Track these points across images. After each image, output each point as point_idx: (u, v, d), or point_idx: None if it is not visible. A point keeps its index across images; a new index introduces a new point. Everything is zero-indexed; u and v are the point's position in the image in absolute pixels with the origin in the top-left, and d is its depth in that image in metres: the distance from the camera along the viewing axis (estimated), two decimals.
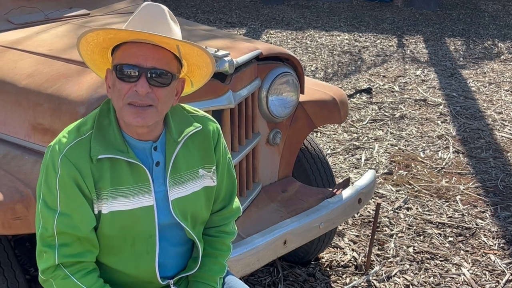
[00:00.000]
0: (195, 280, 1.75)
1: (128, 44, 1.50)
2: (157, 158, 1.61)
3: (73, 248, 1.54)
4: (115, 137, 1.55)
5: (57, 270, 1.54)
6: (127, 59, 1.48)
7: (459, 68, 7.07)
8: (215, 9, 11.03)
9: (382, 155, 4.55)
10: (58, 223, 1.52)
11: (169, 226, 1.66)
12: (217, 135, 1.73)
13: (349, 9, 11.09)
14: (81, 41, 1.54)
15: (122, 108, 1.51)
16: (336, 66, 7.14)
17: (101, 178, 1.53)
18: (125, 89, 1.49)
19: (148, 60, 1.48)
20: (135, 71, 1.47)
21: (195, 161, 1.67)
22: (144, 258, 1.63)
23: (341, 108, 2.92)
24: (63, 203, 1.52)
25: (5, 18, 2.84)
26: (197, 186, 1.68)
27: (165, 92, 1.51)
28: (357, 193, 2.68)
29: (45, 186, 1.53)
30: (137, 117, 1.49)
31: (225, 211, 1.80)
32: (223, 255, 1.80)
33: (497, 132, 5.02)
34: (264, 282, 2.99)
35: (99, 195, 1.54)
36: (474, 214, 3.69)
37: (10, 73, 2.33)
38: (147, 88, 1.47)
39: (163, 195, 1.62)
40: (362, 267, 3.13)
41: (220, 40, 2.66)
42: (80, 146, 1.53)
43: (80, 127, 1.57)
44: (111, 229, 1.57)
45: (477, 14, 10.49)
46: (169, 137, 1.62)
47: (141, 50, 1.48)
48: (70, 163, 1.51)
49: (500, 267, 3.15)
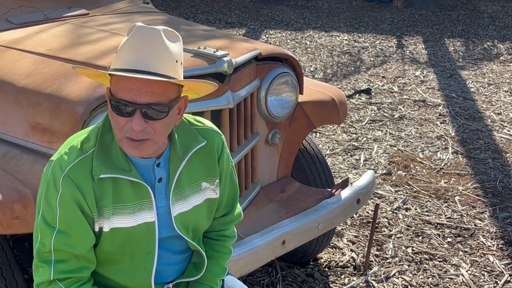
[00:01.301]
0: (195, 282, 1.75)
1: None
2: (160, 174, 1.58)
3: (69, 264, 1.53)
4: (117, 155, 1.53)
5: (52, 284, 1.53)
6: (121, 93, 1.42)
7: (459, 69, 7.07)
8: (214, 9, 11.03)
9: (381, 156, 4.55)
10: (55, 240, 1.50)
11: (170, 238, 1.65)
12: (221, 147, 1.69)
13: (349, 9, 11.09)
14: (76, 69, 1.51)
15: (121, 140, 1.48)
16: (335, 66, 7.15)
17: (103, 196, 1.52)
18: (122, 122, 1.44)
19: (142, 94, 1.40)
20: (129, 108, 1.41)
21: (198, 175, 1.65)
22: (141, 274, 1.63)
23: (340, 109, 2.92)
24: (63, 222, 1.50)
25: (5, 17, 2.84)
26: (199, 200, 1.66)
27: (162, 123, 1.46)
28: (356, 194, 2.68)
29: (45, 202, 1.51)
30: (134, 150, 1.47)
31: (227, 217, 1.79)
32: (224, 257, 1.80)
33: (496, 133, 5.03)
34: (262, 282, 2.99)
35: (101, 213, 1.52)
36: (472, 214, 3.69)
37: (9, 73, 2.33)
38: (142, 124, 1.42)
39: (164, 210, 1.61)
40: (361, 267, 3.13)
41: (219, 40, 2.66)
42: (82, 164, 1.50)
43: (83, 143, 1.54)
44: (111, 245, 1.57)
45: (477, 15, 10.50)
46: (173, 154, 1.59)
47: (134, 84, 1.41)
48: (72, 183, 1.48)
49: (499, 268, 3.15)
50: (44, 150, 2.11)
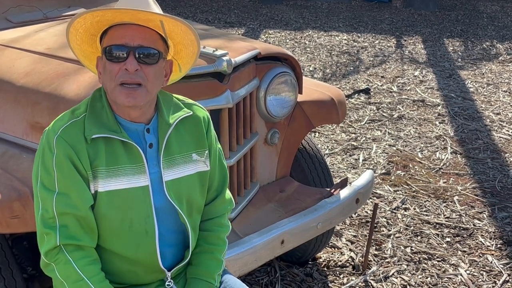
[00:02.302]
0: (193, 277, 1.75)
1: (114, 27, 1.56)
2: (150, 139, 1.65)
3: (72, 229, 1.56)
4: (108, 119, 1.60)
5: (60, 254, 1.56)
6: (115, 40, 1.55)
7: (458, 69, 7.08)
8: (213, 8, 11.03)
9: (380, 156, 4.55)
10: (57, 203, 1.55)
11: (165, 211, 1.67)
12: (207, 122, 1.78)
13: (348, 9, 11.09)
14: (70, 30, 1.60)
15: (114, 89, 1.56)
16: (334, 66, 7.15)
17: (96, 157, 1.58)
18: (115, 69, 1.54)
19: (135, 39, 1.54)
20: (123, 51, 1.53)
21: (187, 145, 1.71)
22: (144, 239, 1.65)
23: (339, 108, 2.92)
24: (61, 183, 1.55)
25: (4, 16, 2.84)
26: (191, 170, 1.71)
27: (153, 70, 1.57)
28: (355, 193, 2.68)
29: (42, 167, 1.57)
30: (128, 97, 1.55)
31: (219, 201, 1.82)
32: (219, 249, 1.80)
33: (495, 133, 5.03)
34: (261, 281, 2.99)
35: (95, 174, 1.58)
36: (471, 214, 3.70)
37: (8, 72, 2.33)
38: (135, 65, 1.53)
39: (157, 176, 1.65)
40: (360, 267, 3.13)
41: (218, 40, 2.66)
42: (74, 126, 1.58)
43: (74, 110, 1.63)
44: (108, 209, 1.59)
45: (476, 15, 10.51)
46: (161, 120, 1.66)
47: (128, 31, 1.55)
48: (66, 143, 1.55)
49: (497, 268, 3.16)
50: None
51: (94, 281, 1.56)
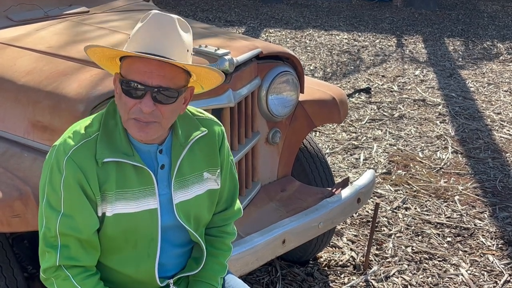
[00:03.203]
0: (196, 280, 1.75)
1: (134, 57, 1.48)
2: (162, 161, 1.60)
3: (74, 251, 1.54)
4: (121, 140, 1.55)
5: (58, 270, 1.54)
6: (132, 75, 1.46)
7: (458, 69, 7.07)
8: (214, 7, 11.02)
9: (380, 155, 4.55)
10: (60, 224, 1.52)
11: (172, 228, 1.66)
12: (221, 138, 1.72)
13: (348, 8, 11.08)
14: (88, 50, 1.53)
15: (127, 121, 1.51)
16: (335, 65, 7.14)
17: (106, 180, 1.53)
18: (130, 103, 1.48)
19: (154, 77, 1.45)
20: (140, 89, 1.46)
21: (200, 164, 1.67)
22: (145, 261, 1.64)
23: (341, 108, 2.92)
24: (67, 205, 1.52)
25: (5, 15, 2.83)
26: (201, 190, 1.68)
27: (170, 108, 1.50)
28: (356, 193, 2.68)
29: (50, 186, 1.53)
30: (140, 132, 1.49)
31: (227, 212, 1.80)
32: (224, 254, 1.80)
33: (496, 133, 5.02)
34: (262, 281, 2.99)
35: (104, 197, 1.54)
36: (472, 214, 3.69)
37: (10, 70, 2.32)
38: (151, 106, 1.46)
39: (167, 198, 1.62)
40: (361, 266, 3.13)
41: (220, 39, 2.65)
42: (86, 148, 1.52)
43: (86, 128, 1.56)
44: (114, 231, 1.57)
45: (476, 15, 10.50)
46: (176, 141, 1.61)
47: (147, 66, 1.45)
48: (75, 165, 1.50)
49: (499, 268, 3.15)
50: (45, 148, 2.10)
51: None
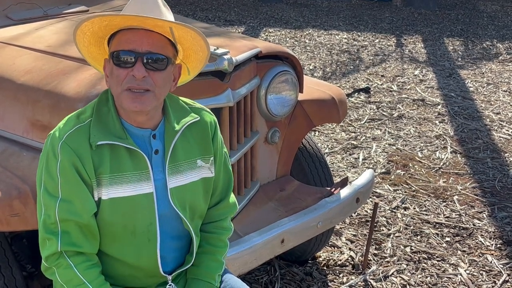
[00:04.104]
0: (193, 278, 1.75)
1: (123, 31, 1.53)
2: (156, 146, 1.63)
3: (74, 236, 1.55)
4: (114, 124, 1.57)
5: (60, 258, 1.55)
6: (122, 46, 1.52)
7: (458, 68, 7.07)
8: (213, 7, 11.02)
9: (380, 155, 4.55)
10: (59, 209, 1.53)
11: (168, 217, 1.66)
12: (214, 127, 1.75)
13: (348, 8, 11.09)
14: (77, 32, 1.57)
15: (121, 94, 1.53)
16: (334, 65, 7.14)
17: (101, 164, 1.55)
18: (123, 75, 1.51)
19: (143, 45, 1.51)
20: (131, 56, 1.50)
21: (193, 151, 1.69)
22: (145, 246, 1.64)
23: (340, 107, 2.92)
24: (64, 189, 1.54)
25: (4, 14, 2.83)
26: (195, 177, 1.69)
27: (161, 76, 1.54)
28: (355, 193, 2.68)
29: (46, 173, 1.55)
30: (134, 102, 1.52)
31: (222, 205, 1.81)
32: (220, 251, 1.80)
33: (495, 133, 5.03)
34: (261, 280, 2.99)
35: (99, 181, 1.56)
36: (471, 214, 3.69)
37: (9, 70, 2.32)
38: (143, 72, 1.50)
39: (162, 183, 1.63)
40: (359, 266, 3.13)
41: (219, 38, 2.65)
42: (79, 132, 1.55)
43: (79, 115, 1.60)
44: (111, 216, 1.58)
45: (476, 15, 10.50)
46: (168, 126, 1.63)
47: (136, 36, 1.51)
48: (70, 149, 1.53)
49: (497, 268, 3.16)
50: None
51: (95, 284, 1.56)
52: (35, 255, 2.33)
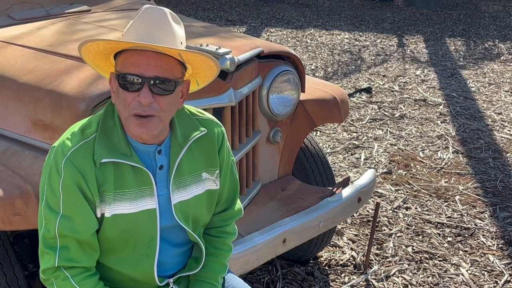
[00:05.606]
0: (196, 279, 1.75)
1: (129, 51, 1.48)
2: (161, 161, 1.60)
3: (73, 252, 1.54)
4: (119, 140, 1.55)
5: (58, 271, 1.55)
6: (129, 68, 1.47)
7: (459, 68, 7.07)
8: (215, 6, 11.02)
9: (381, 155, 4.55)
10: (59, 225, 1.52)
11: (171, 228, 1.66)
12: (221, 138, 1.72)
13: (350, 8, 11.08)
14: (82, 48, 1.53)
15: (127, 119, 1.51)
16: (336, 65, 7.14)
17: (104, 181, 1.53)
18: (129, 99, 1.47)
19: (150, 69, 1.46)
20: (137, 82, 1.46)
21: (198, 164, 1.66)
22: (144, 261, 1.64)
23: (342, 107, 2.92)
24: (66, 206, 1.52)
25: (6, 13, 2.83)
26: (200, 190, 1.67)
27: (168, 99, 1.50)
28: (357, 192, 2.68)
29: (48, 188, 1.53)
30: (141, 128, 1.49)
31: (227, 212, 1.80)
32: (224, 254, 1.80)
33: (497, 133, 5.02)
34: (262, 280, 2.99)
35: (103, 198, 1.54)
36: (473, 214, 3.69)
37: (11, 69, 2.32)
38: (150, 98, 1.46)
39: (165, 199, 1.62)
40: (361, 266, 3.13)
41: (221, 38, 2.65)
42: (84, 149, 1.52)
43: (84, 129, 1.56)
44: (113, 232, 1.57)
45: (478, 15, 10.49)
46: (174, 141, 1.61)
47: (143, 58, 1.46)
48: (74, 167, 1.50)
49: (499, 268, 3.15)
50: (46, 147, 2.11)
51: None
52: (37, 255, 2.33)
